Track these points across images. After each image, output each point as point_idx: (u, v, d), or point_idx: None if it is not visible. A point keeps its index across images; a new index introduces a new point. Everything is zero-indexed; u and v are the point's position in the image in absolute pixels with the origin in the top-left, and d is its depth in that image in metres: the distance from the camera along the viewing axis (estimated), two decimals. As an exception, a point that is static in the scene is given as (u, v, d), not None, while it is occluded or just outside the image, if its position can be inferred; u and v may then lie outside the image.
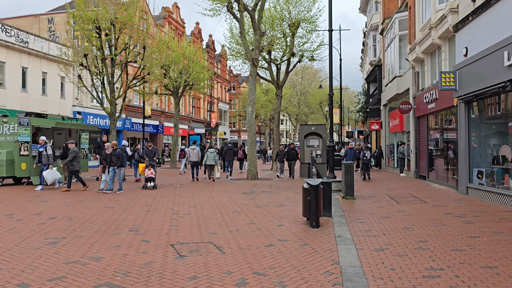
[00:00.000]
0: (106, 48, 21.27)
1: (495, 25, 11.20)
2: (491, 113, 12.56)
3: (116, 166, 14.23)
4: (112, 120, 21.85)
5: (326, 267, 5.64)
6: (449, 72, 13.74)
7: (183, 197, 13.06)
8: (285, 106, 60.03)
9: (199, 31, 51.26)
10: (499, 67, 10.68)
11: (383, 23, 28.48)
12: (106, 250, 6.45)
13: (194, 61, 30.88)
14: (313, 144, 21.29)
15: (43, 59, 26.38)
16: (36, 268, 5.53)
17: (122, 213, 9.92)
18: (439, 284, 4.93)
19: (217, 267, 5.59)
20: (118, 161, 14.26)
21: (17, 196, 12.89)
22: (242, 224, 8.55)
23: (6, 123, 16.23)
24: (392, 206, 11.10)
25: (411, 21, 20.33)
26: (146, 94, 29.01)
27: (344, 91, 60.23)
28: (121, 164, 14.41)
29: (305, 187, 8.46)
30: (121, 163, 14.38)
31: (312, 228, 8.13)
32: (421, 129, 19.62)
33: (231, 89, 66.44)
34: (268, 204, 11.50)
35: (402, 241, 7.03)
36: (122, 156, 14.52)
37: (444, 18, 14.94)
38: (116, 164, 14.22)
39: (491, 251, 6.34)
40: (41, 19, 32.46)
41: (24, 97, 24.85)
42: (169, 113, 41.50)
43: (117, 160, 14.24)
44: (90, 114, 30.09)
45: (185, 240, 7.16)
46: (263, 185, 16.52)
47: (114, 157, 14.25)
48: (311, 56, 26.46)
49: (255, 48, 20.02)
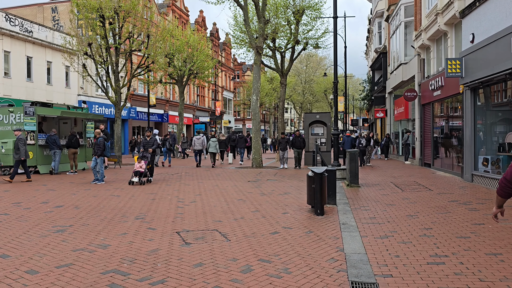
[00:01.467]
0: (110, 37, 21.24)
1: (502, 11, 11.05)
2: (498, 100, 12.47)
3: (97, 156, 13.61)
4: (117, 109, 21.91)
5: (330, 254, 5.68)
6: (455, 59, 13.61)
7: (188, 185, 13.13)
8: (290, 95, 59.88)
9: (203, 19, 50.97)
10: (506, 53, 10.56)
11: (388, 10, 28.16)
12: (113, 238, 6.52)
13: (198, 49, 30.79)
14: (317, 132, 21.26)
15: (48, 48, 26.38)
16: (44, 256, 5.61)
17: (128, 201, 10.00)
18: (444, 271, 4.95)
19: (223, 254, 5.65)
20: (99, 150, 13.64)
21: (24, 185, 13.01)
22: (247, 212, 8.60)
23: (12, 113, 16.31)
24: (397, 193, 11.11)
25: (417, 7, 20.09)
26: (151, 83, 29.02)
27: (349, 78, 59.91)
28: (101, 153, 13.73)
29: (309, 175, 8.48)
30: (101, 152, 13.71)
31: (317, 216, 8.16)
32: (427, 116, 19.52)
33: (236, 78, 66.25)
34: (273, 192, 11.54)
35: (407, 228, 7.05)
36: (104, 145, 13.89)
37: (450, 4, 14.75)
38: (97, 153, 13.61)
39: (496, 238, 6.35)
40: (44, 8, 32.37)
41: (29, 86, 24.92)
42: (173, 102, 41.51)
43: (99, 149, 13.65)
44: (95, 103, 30.16)
45: (190, 227, 7.22)
46: (267, 173, 16.56)
47: (96, 146, 13.74)
48: (315, 43, 26.29)
49: (259, 36, 19.91)
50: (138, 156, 14.01)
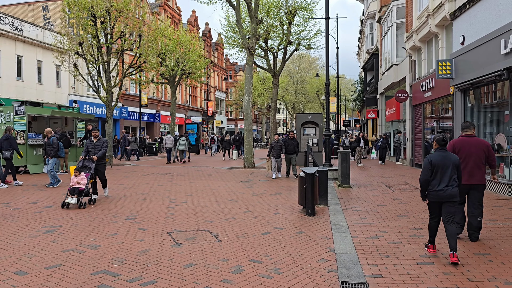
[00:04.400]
0: (101, 36, 21.10)
1: (492, 13, 11.17)
2: (487, 102, 12.59)
3: (50, 156, 12.54)
4: (109, 109, 21.78)
5: (321, 254, 5.70)
6: (446, 61, 13.72)
7: (180, 185, 13.09)
8: (282, 95, 59.98)
9: (196, 19, 50.85)
10: (495, 55, 10.67)
11: (380, 11, 28.32)
12: (103, 238, 6.48)
13: (191, 49, 30.70)
14: (309, 132, 21.30)
15: (38, 47, 26.15)
16: (33, 256, 5.56)
17: (119, 201, 9.94)
18: (433, 271, 4.99)
19: (214, 255, 5.64)
20: (53, 151, 12.52)
21: (13, 185, 12.87)
22: (238, 212, 8.60)
23: (2, 112, 16.15)
24: (388, 194, 11.17)
25: (409, 9, 20.23)
26: (143, 83, 28.90)
27: (341, 79, 60.10)
28: (55, 154, 12.66)
29: (301, 175, 8.50)
30: (55, 153, 12.62)
31: (308, 216, 8.18)
32: (418, 117, 19.66)
33: (228, 78, 66.18)
34: (264, 192, 11.55)
35: (397, 229, 7.09)
36: (58, 145, 12.76)
37: (441, 6, 14.88)
38: (50, 154, 12.53)
39: (485, 238, 6.41)
40: (35, 6, 32.08)
41: (19, 85, 24.68)
42: (165, 102, 41.36)
43: (52, 150, 12.53)
44: (86, 102, 29.95)
45: (181, 228, 7.20)
46: (259, 174, 16.56)
47: (48, 146, 12.60)
48: (308, 44, 26.38)
49: (251, 36, 19.91)
50: (77, 165, 9.81)
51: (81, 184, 9.35)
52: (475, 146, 6.17)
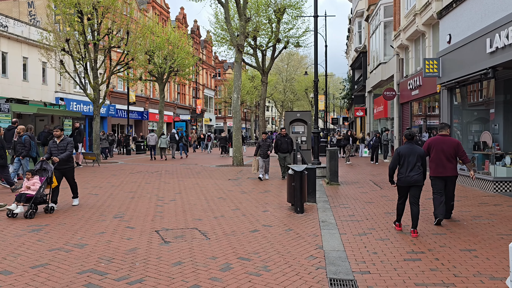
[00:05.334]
0: (88, 33, 20.84)
1: (478, 12, 11.30)
2: (473, 100, 12.75)
3: (22, 156, 11.75)
4: (96, 106, 21.56)
5: (310, 251, 5.72)
6: (433, 59, 13.85)
7: (168, 183, 13.02)
8: (271, 93, 59.97)
9: (184, 16, 50.57)
10: (481, 54, 10.80)
11: (368, 10, 28.47)
12: (90, 237, 6.42)
13: (179, 47, 30.52)
14: (298, 130, 21.33)
15: (24, 44, 25.75)
16: (18, 256, 5.49)
17: (106, 199, 9.86)
18: (420, 267, 5.04)
19: (202, 253, 5.62)
20: (24, 150, 11.71)
21: None
22: (227, 210, 8.58)
23: (-14, 110, 15.87)
24: (376, 191, 11.26)
25: (396, 7, 20.38)
26: (131, 80, 28.64)
27: (330, 77, 60.38)
28: (26, 154, 11.81)
29: (289, 173, 8.52)
30: (27, 153, 11.80)
31: (297, 214, 8.20)
32: (405, 115, 19.83)
33: (217, 76, 65.96)
34: (253, 190, 11.55)
35: (385, 226, 7.15)
36: (30, 144, 11.83)
37: (428, 5, 15.01)
38: (22, 154, 11.72)
39: (471, 235, 6.49)
40: (20, 2, 31.58)
41: (4, 83, 24.29)
42: (154, 100, 41.10)
43: (23, 149, 11.71)
44: (73, 100, 29.59)
45: (170, 226, 7.17)
46: (248, 172, 16.56)
47: (19, 145, 11.75)
48: (296, 42, 26.43)
49: (240, 34, 19.86)
50: (34, 167, 8.63)
51: (31, 189, 8.05)
52: (447, 144, 7.33)
